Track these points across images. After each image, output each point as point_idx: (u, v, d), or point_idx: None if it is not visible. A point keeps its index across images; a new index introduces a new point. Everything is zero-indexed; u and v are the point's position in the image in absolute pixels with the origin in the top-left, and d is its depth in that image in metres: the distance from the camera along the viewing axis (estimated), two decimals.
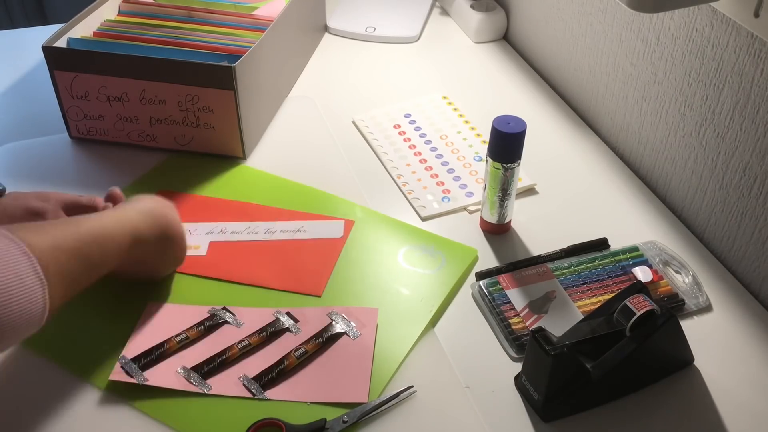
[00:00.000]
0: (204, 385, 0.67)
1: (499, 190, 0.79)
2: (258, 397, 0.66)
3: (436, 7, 1.34)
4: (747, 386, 0.67)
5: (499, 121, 0.75)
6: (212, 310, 0.74)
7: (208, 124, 0.92)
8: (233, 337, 0.71)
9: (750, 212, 0.76)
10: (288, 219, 0.85)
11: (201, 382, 0.67)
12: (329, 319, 0.72)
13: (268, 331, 0.71)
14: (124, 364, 0.67)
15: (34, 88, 1.09)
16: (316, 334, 0.71)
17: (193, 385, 0.67)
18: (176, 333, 0.71)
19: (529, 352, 0.65)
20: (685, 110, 0.84)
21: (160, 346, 0.69)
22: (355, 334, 0.71)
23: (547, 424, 0.64)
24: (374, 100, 1.08)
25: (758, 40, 0.70)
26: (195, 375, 0.67)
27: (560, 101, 1.08)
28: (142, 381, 0.66)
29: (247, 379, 0.67)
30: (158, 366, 0.68)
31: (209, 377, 0.67)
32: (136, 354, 0.69)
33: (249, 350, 0.70)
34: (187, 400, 0.66)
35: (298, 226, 0.84)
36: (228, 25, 1.02)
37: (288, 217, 0.85)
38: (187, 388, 0.66)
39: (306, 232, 0.83)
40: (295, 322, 0.72)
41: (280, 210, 0.86)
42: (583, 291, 0.76)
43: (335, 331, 0.71)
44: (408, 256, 0.80)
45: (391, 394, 0.66)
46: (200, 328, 0.72)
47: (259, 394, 0.66)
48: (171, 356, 0.69)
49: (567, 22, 1.04)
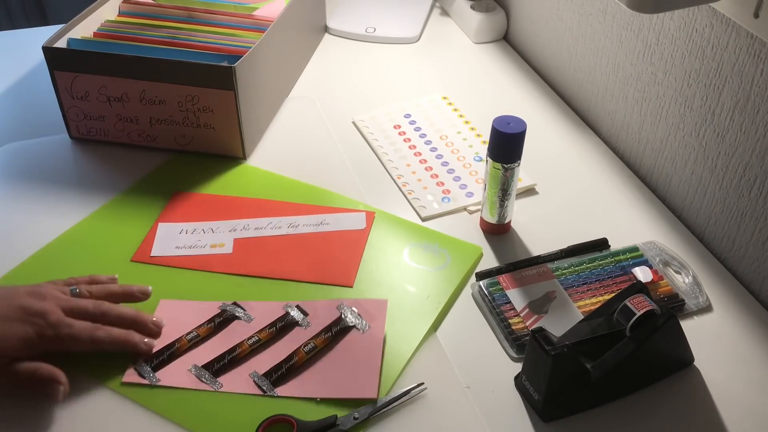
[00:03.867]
0: (215, 382, 0.67)
1: (499, 190, 0.79)
2: (268, 394, 0.66)
3: (436, 7, 1.34)
4: (747, 386, 0.67)
5: (499, 121, 0.76)
6: (223, 305, 0.74)
7: (208, 125, 0.92)
8: (243, 333, 0.71)
9: (750, 212, 0.76)
10: (309, 213, 0.85)
11: (212, 380, 0.67)
12: (338, 312, 0.73)
13: (278, 325, 0.72)
14: (137, 366, 0.68)
15: (34, 88, 1.09)
16: (326, 328, 0.71)
17: (204, 383, 0.67)
18: (187, 331, 0.71)
19: (529, 352, 0.65)
20: (685, 111, 0.84)
21: (171, 346, 0.70)
22: (364, 327, 0.71)
23: (547, 424, 0.64)
24: (374, 101, 1.08)
25: (758, 40, 0.71)
26: (206, 373, 0.68)
27: (560, 101, 1.08)
28: (155, 382, 0.67)
29: (258, 376, 0.67)
30: (170, 366, 0.68)
31: (220, 375, 0.68)
32: (149, 355, 0.69)
33: (259, 346, 0.70)
34: (197, 398, 0.66)
35: (320, 219, 0.84)
36: (228, 25, 1.02)
37: (308, 211, 0.86)
38: (198, 386, 0.67)
39: (329, 225, 0.84)
40: (305, 316, 0.73)
41: (300, 205, 0.87)
42: (583, 291, 0.76)
43: (345, 324, 0.71)
44: (413, 253, 0.81)
45: (401, 391, 0.66)
46: (210, 325, 0.72)
47: (270, 391, 0.66)
48: (182, 355, 0.69)
49: (567, 22, 1.04)
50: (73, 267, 0.78)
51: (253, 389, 0.66)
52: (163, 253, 0.80)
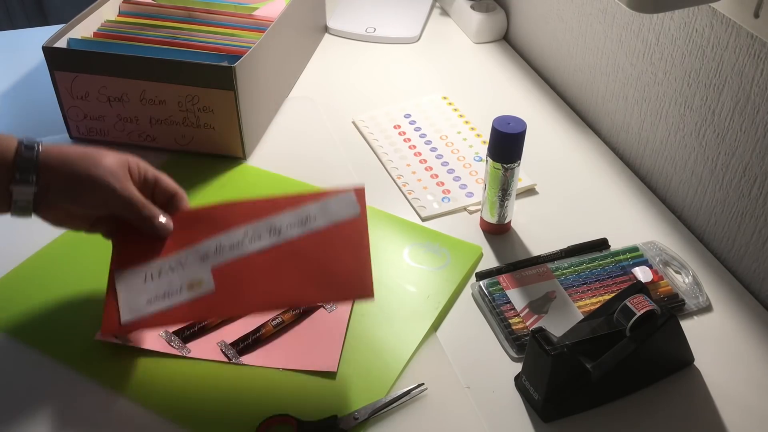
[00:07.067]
0: (183, 348, 0.69)
1: (499, 190, 0.79)
2: (234, 362, 0.68)
3: (436, 7, 1.34)
4: (747, 386, 0.67)
5: (499, 121, 0.76)
6: None
7: (208, 125, 0.92)
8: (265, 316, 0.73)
9: (750, 212, 0.76)
10: (287, 207, 0.69)
11: (181, 345, 0.70)
12: None
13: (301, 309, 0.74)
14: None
15: (34, 88, 1.09)
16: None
17: (173, 348, 0.69)
18: None
19: (529, 352, 0.65)
20: (685, 111, 0.84)
21: None
22: (331, 307, 0.73)
23: (547, 424, 0.64)
24: (374, 101, 1.08)
25: (758, 40, 0.71)
26: (176, 338, 0.70)
27: (560, 101, 1.08)
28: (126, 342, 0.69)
29: (225, 345, 0.70)
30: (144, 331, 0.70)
31: (189, 341, 0.70)
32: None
33: (282, 329, 0.72)
34: (197, 396, 0.66)
35: (303, 213, 0.69)
36: (228, 25, 1.02)
37: (285, 205, 0.70)
38: (166, 350, 0.69)
39: (316, 220, 0.68)
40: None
41: (273, 199, 0.70)
42: (583, 291, 0.76)
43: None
44: (413, 253, 0.81)
45: (401, 391, 0.66)
46: None
47: (235, 359, 0.69)
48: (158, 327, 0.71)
49: (567, 22, 1.04)
50: (73, 267, 0.78)
51: (219, 356, 0.69)
52: (135, 315, 0.65)
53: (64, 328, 0.71)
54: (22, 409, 0.65)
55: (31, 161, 0.63)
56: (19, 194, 0.63)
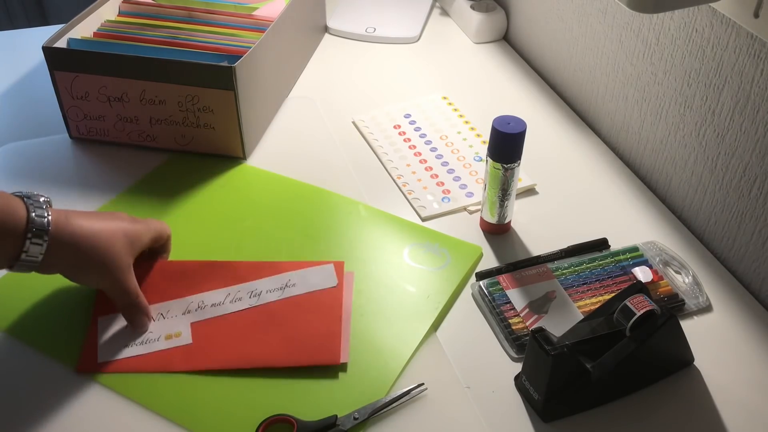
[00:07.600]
0: None
1: (499, 190, 0.79)
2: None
3: (436, 7, 1.34)
4: (747, 386, 0.67)
5: (499, 121, 0.76)
6: None
7: (208, 125, 0.92)
8: None
9: (750, 212, 0.76)
10: (270, 273, 0.75)
11: None
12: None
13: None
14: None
15: (34, 88, 1.09)
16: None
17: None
18: None
19: (529, 352, 0.65)
20: (684, 111, 0.84)
21: None
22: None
23: (547, 424, 0.64)
24: (374, 100, 1.08)
25: (758, 40, 0.71)
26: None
27: (560, 101, 1.08)
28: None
29: None
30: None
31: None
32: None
33: None
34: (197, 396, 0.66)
35: (284, 279, 0.75)
36: (228, 25, 1.02)
37: (270, 270, 0.76)
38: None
39: (296, 287, 0.74)
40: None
41: (259, 264, 0.77)
42: (583, 291, 0.76)
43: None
44: (413, 253, 0.81)
45: (401, 391, 0.66)
46: None
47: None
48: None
49: (567, 22, 1.04)
50: None
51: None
52: (112, 356, 0.68)
53: (63, 328, 0.71)
54: (22, 409, 0.65)
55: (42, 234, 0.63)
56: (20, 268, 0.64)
